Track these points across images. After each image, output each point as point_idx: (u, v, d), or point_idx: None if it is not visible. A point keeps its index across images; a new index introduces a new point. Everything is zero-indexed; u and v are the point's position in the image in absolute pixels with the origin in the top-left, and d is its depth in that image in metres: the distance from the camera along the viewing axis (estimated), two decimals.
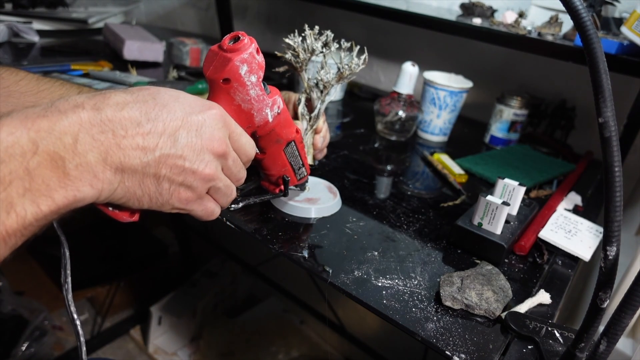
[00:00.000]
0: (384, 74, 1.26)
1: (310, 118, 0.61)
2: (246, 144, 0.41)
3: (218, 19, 1.44)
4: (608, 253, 0.33)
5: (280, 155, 0.50)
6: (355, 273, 0.50)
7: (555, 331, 0.45)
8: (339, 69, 0.59)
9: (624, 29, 0.69)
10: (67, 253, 0.40)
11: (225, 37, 0.40)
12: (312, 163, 0.63)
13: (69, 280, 0.39)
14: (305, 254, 0.52)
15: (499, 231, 0.55)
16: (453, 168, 0.78)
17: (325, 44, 0.58)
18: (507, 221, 0.57)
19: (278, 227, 0.56)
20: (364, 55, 0.59)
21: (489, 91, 1.06)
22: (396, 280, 0.49)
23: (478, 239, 0.55)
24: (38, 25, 1.20)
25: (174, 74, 1.02)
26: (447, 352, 0.41)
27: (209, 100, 0.40)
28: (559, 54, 0.80)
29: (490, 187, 0.74)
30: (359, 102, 1.13)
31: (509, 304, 0.48)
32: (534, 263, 0.57)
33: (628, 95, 0.85)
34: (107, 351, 1.48)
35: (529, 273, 0.55)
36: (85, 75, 0.95)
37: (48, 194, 0.28)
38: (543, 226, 0.62)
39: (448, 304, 0.46)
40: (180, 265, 1.75)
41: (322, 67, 0.59)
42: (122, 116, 0.32)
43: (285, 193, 0.55)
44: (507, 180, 0.59)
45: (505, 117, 0.91)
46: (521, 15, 0.88)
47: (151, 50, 1.10)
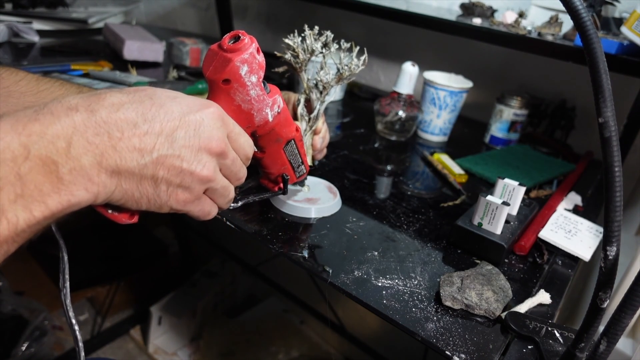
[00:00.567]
0: (384, 74, 1.26)
1: (309, 119, 0.61)
2: (245, 144, 0.41)
3: (218, 19, 1.44)
4: (608, 253, 0.33)
5: (279, 154, 0.50)
6: (355, 273, 0.50)
7: (555, 331, 0.45)
8: (338, 69, 0.59)
9: (624, 29, 0.69)
10: (66, 257, 0.39)
11: (225, 37, 0.39)
12: (312, 164, 0.63)
13: (67, 285, 0.38)
14: (305, 254, 0.52)
15: (499, 231, 0.55)
16: (453, 168, 0.78)
17: (325, 45, 0.58)
18: (507, 221, 0.57)
19: (278, 227, 0.56)
20: (364, 56, 0.59)
21: (489, 91, 1.06)
22: (396, 280, 0.49)
23: (478, 239, 0.55)
24: (38, 25, 1.20)
25: (174, 74, 1.02)
26: (447, 352, 0.41)
27: (208, 99, 0.40)
28: (559, 54, 0.80)
29: (490, 187, 0.74)
30: (359, 102, 1.13)
31: (509, 304, 0.48)
32: (534, 263, 0.57)
33: (628, 95, 0.85)
34: (107, 351, 1.48)
35: (529, 273, 0.55)
36: (85, 75, 0.95)
37: (41, 200, 0.28)
38: (543, 226, 0.62)
39: (448, 304, 0.46)
40: (180, 265, 1.75)
41: (322, 68, 0.59)
42: (118, 117, 0.31)
43: (284, 191, 0.55)
44: (507, 180, 0.59)
45: (505, 117, 0.91)
46: (521, 15, 0.88)
47: (151, 50, 1.10)
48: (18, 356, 1.19)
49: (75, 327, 0.38)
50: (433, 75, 0.93)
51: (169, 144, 0.33)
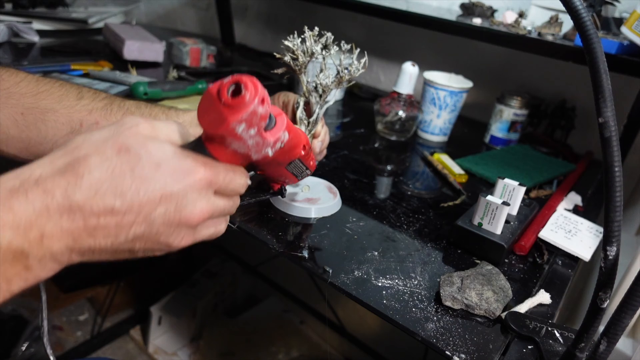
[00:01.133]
0: (384, 74, 1.26)
1: (308, 123, 0.60)
2: (237, 186, 0.37)
3: (218, 19, 1.44)
4: (608, 253, 0.33)
5: (282, 171, 0.47)
6: (355, 273, 0.50)
7: (555, 331, 0.45)
8: (338, 72, 0.59)
9: (624, 29, 0.69)
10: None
11: (225, 83, 0.33)
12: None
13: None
14: (305, 254, 0.52)
15: (499, 231, 0.55)
16: (453, 168, 0.78)
17: (325, 46, 0.58)
18: (507, 221, 0.57)
19: (278, 227, 0.56)
20: (364, 59, 0.58)
21: (489, 91, 1.06)
22: (396, 280, 0.49)
23: (478, 239, 0.55)
24: (38, 25, 1.20)
25: (174, 73, 1.02)
26: (447, 352, 0.41)
27: (200, 139, 0.36)
28: (559, 54, 0.80)
29: (490, 187, 0.74)
30: (359, 102, 1.13)
31: (509, 304, 0.48)
32: (534, 263, 0.57)
33: (628, 95, 0.85)
34: (107, 351, 1.48)
35: (529, 273, 0.55)
36: (85, 75, 0.95)
37: (6, 288, 0.27)
38: (543, 226, 0.62)
39: (448, 304, 0.46)
40: (180, 265, 1.75)
41: (322, 70, 0.59)
42: (95, 203, 0.29)
43: (282, 194, 0.54)
44: (507, 180, 0.59)
45: (505, 117, 0.91)
46: (521, 15, 0.88)
47: (151, 50, 1.10)
48: (18, 356, 1.19)
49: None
50: (433, 75, 0.93)
51: (147, 224, 0.31)
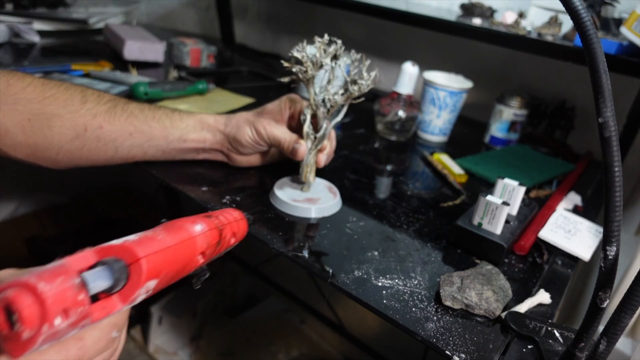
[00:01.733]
0: (384, 74, 1.26)
1: (315, 138, 0.60)
2: None
3: (218, 19, 1.44)
4: (608, 253, 0.33)
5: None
6: (356, 273, 0.50)
7: (555, 331, 0.45)
8: (347, 89, 0.58)
9: (624, 29, 0.70)
10: None
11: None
12: (312, 181, 0.62)
13: None
14: (305, 254, 0.52)
15: (498, 231, 0.55)
16: (453, 168, 0.78)
17: (335, 56, 0.57)
18: (507, 221, 0.57)
19: (278, 227, 0.56)
20: (374, 73, 0.57)
21: (489, 91, 1.06)
22: (396, 280, 0.49)
23: (478, 238, 0.55)
24: (38, 25, 1.20)
25: (174, 74, 1.02)
26: (447, 352, 0.41)
27: None
28: (558, 54, 0.80)
29: (490, 187, 0.74)
30: (359, 102, 1.13)
31: (508, 303, 0.48)
32: (534, 263, 0.57)
33: (628, 95, 0.85)
34: None
35: (529, 273, 0.55)
36: (86, 75, 0.95)
37: None
38: (543, 226, 0.62)
39: (448, 303, 0.46)
40: None
41: (329, 82, 0.58)
42: None
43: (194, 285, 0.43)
44: (507, 180, 0.59)
45: (505, 117, 0.91)
46: (521, 15, 0.88)
47: (151, 50, 1.10)
48: None
49: None
50: (433, 76, 0.93)
51: None
